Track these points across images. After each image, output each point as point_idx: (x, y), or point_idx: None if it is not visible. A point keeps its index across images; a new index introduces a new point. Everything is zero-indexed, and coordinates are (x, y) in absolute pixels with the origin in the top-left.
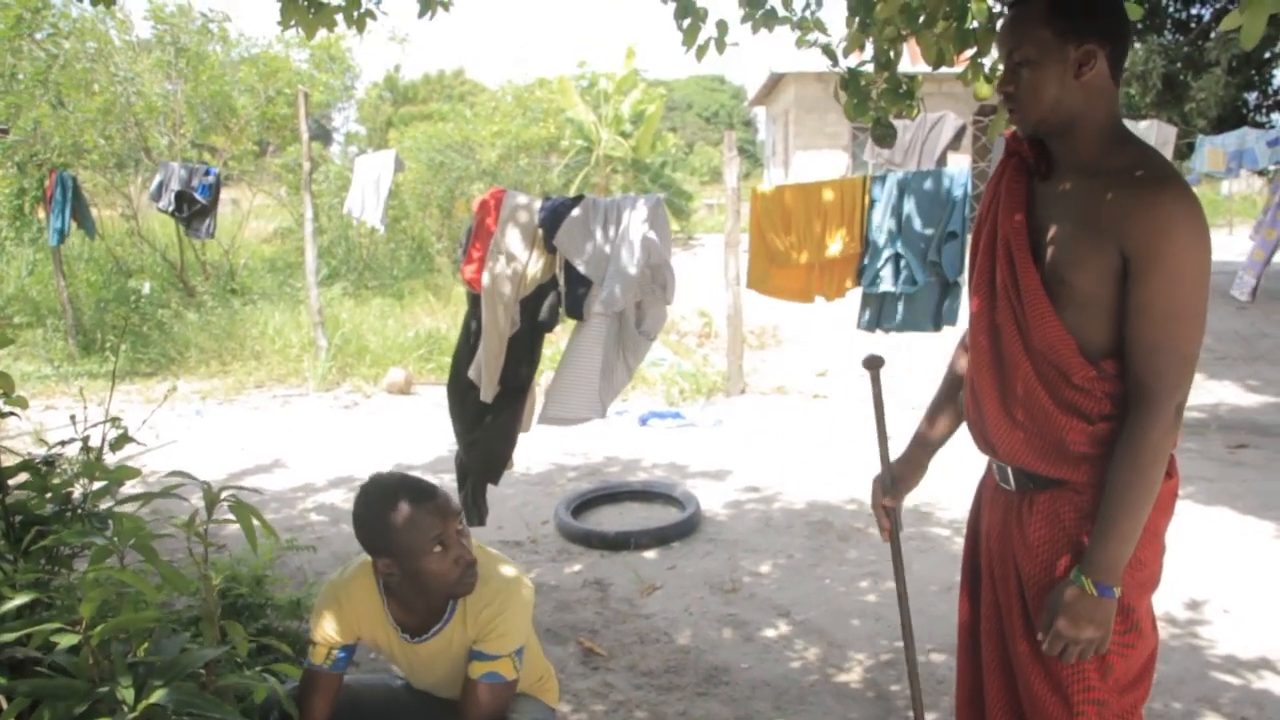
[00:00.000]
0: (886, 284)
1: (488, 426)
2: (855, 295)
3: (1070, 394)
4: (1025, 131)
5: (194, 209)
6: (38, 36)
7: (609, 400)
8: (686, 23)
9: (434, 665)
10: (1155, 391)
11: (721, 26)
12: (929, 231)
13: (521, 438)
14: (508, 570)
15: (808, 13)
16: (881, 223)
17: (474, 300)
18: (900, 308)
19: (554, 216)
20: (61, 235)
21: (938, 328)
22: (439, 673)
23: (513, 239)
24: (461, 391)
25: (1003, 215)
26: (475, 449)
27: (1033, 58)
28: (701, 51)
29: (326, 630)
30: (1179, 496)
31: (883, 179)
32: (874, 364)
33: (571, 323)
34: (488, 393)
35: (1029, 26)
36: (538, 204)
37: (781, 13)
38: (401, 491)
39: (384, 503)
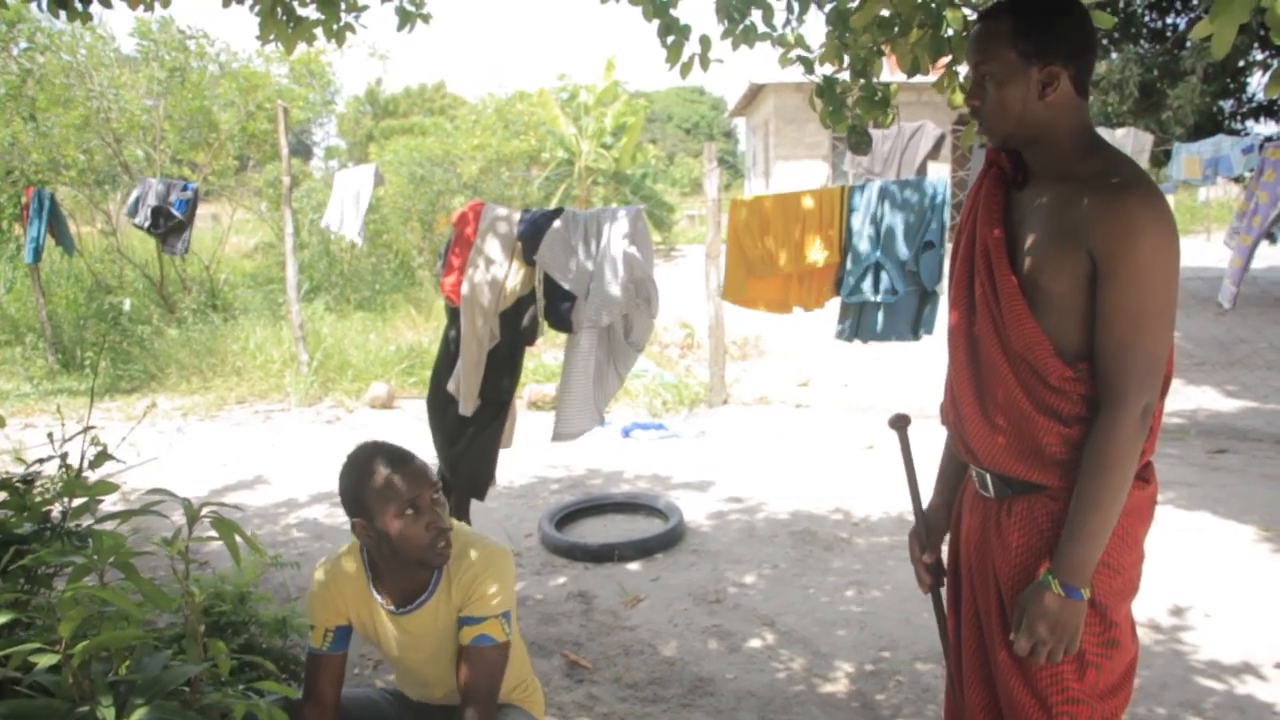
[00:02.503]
0: (866, 294)
1: (470, 441)
2: (834, 305)
3: (1047, 395)
4: (995, 143)
5: (170, 224)
6: (14, 52)
7: (603, 407)
8: (670, 40)
9: (422, 641)
10: (1122, 392)
11: (705, 42)
12: (908, 241)
13: (503, 452)
14: (487, 542)
15: (788, 29)
16: (861, 232)
17: (453, 313)
18: (880, 317)
19: (534, 229)
20: (37, 252)
21: (916, 336)
22: (427, 649)
23: (492, 251)
24: (441, 405)
25: (981, 225)
26: (461, 467)
27: (997, 75)
28: (686, 68)
29: (318, 611)
30: (1159, 502)
31: (862, 188)
32: (901, 424)
33: (552, 334)
34: (467, 406)
35: (994, 45)
36: (517, 216)
37: (762, 29)
38: (379, 454)
39: (362, 463)
